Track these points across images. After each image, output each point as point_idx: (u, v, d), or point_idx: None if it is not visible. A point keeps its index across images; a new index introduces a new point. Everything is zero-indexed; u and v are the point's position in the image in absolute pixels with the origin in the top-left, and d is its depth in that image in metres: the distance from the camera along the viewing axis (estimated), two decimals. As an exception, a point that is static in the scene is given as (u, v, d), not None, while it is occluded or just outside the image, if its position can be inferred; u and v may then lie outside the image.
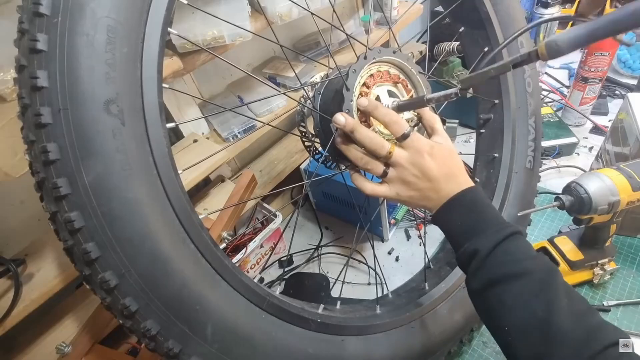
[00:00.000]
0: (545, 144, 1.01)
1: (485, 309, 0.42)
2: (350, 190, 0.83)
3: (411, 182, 0.46)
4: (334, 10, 0.59)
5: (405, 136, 0.46)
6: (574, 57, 1.38)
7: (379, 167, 0.47)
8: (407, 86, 0.55)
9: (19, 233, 0.67)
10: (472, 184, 0.47)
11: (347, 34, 0.59)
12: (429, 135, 0.51)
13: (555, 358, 0.35)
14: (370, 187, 0.50)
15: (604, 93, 1.21)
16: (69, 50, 0.33)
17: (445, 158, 0.47)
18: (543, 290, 0.38)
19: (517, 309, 0.38)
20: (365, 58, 0.50)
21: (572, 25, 0.36)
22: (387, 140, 0.47)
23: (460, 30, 0.75)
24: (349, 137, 0.48)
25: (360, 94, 0.50)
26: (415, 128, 0.54)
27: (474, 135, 1.15)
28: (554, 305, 0.37)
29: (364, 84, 0.51)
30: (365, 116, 0.50)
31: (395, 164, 0.47)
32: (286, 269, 0.92)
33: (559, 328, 0.35)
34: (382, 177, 0.48)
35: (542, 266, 0.40)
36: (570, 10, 1.44)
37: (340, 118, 0.47)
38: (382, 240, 0.95)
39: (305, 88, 0.63)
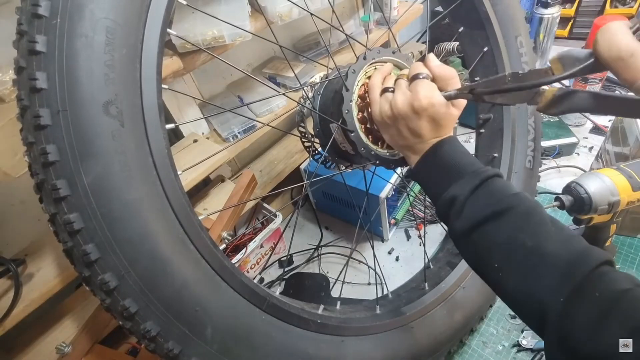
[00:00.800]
0: (545, 143, 1.01)
1: (472, 252, 0.41)
2: (350, 190, 0.84)
3: (396, 116, 0.45)
4: (333, 11, 0.59)
5: (417, 77, 0.44)
6: (574, 57, 1.38)
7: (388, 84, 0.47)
8: None
9: (19, 233, 0.67)
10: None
11: (346, 35, 0.59)
12: None
13: (546, 282, 0.34)
14: (375, 85, 0.48)
15: (604, 93, 1.20)
16: (68, 51, 0.33)
17: (437, 110, 0.44)
18: (528, 222, 0.37)
19: (505, 243, 0.37)
20: (364, 58, 0.50)
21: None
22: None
23: (460, 30, 0.75)
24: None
25: (360, 96, 0.50)
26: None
27: (474, 135, 1.15)
28: (541, 234, 0.36)
29: (364, 85, 0.51)
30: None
31: (397, 86, 0.45)
32: (286, 269, 0.92)
33: (548, 253, 0.35)
34: (383, 92, 0.47)
35: (525, 201, 0.39)
36: (570, 11, 1.44)
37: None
38: (382, 240, 0.95)
39: (304, 88, 0.63)
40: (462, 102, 0.47)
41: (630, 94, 0.29)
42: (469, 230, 0.40)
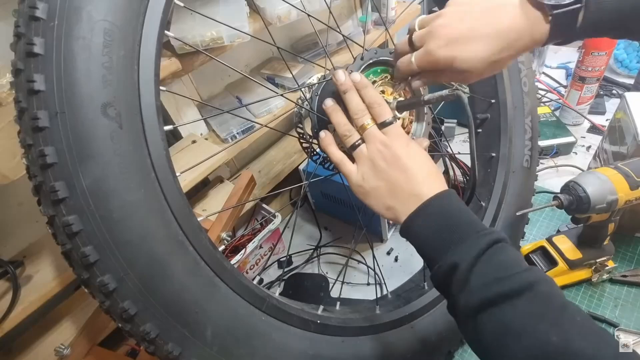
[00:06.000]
0: (543, 143, 1.01)
1: (480, 336, 0.34)
2: (349, 190, 0.84)
3: (380, 168, 0.42)
4: (330, 12, 0.59)
5: (385, 124, 0.43)
6: (572, 57, 1.38)
7: (356, 136, 0.44)
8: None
9: (17, 235, 0.67)
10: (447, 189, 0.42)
11: (344, 35, 0.59)
12: None
13: None
14: (339, 155, 0.45)
15: (601, 92, 1.21)
16: (66, 53, 0.33)
17: (425, 159, 0.43)
18: (550, 308, 0.32)
19: (524, 334, 0.31)
20: (362, 59, 0.50)
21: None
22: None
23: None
24: (338, 99, 0.47)
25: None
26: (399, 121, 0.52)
27: (472, 135, 1.15)
28: (567, 325, 0.31)
29: None
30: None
31: (369, 139, 0.43)
32: (285, 270, 0.92)
33: (579, 354, 0.29)
34: (353, 150, 0.44)
35: (541, 279, 0.33)
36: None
37: (341, 74, 0.45)
38: (381, 241, 0.95)
39: (302, 89, 0.63)
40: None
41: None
42: (477, 309, 0.33)
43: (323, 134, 0.48)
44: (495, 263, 0.35)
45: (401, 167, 0.41)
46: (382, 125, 0.44)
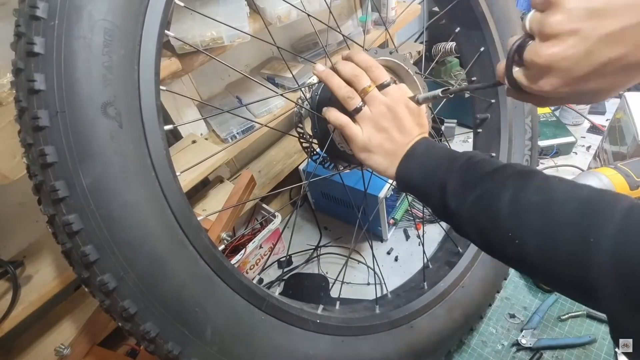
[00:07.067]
0: (543, 143, 1.01)
1: (479, 230, 0.37)
2: (349, 190, 0.84)
3: (384, 128, 0.44)
4: (330, 12, 0.59)
5: (384, 85, 0.45)
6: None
7: (358, 99, 0.45)
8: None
9: (17, 235, 0.67)
10: None
11: (344, 35, 0.59)
12: None
13: (578, 228, 0.29)
14: (345, 119, 0.46)
15: (602, 92, 1.21)
16: (66, 53, 0.33)
17: (416, 117, 0.45)
18: (527, 181, 0.34)
19: (508, 208, 0.33)
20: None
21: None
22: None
23: (457, 30, 0.75)
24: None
25: None
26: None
27: (472, 135, 1.15)
28: (545, 186, 0.33)
29: None
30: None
31: (371, 102, 0.44)
32: (285, 270, 0.92)
33: (561, 200, 0.31)
34: (356, 113, 0.45)
35: (518, 165, 0.37)
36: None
37: (319, 66, 0.46)
38: (381, 240, 0.95)
39: (302, 89, 0.63)
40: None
41: None
42: (469, 207, 0.37)
43: (329, 108, 0.48)
44: (476, 168, 0.38)
45: (402, 127, 0.44)
46: (380, 87, 0.45)
